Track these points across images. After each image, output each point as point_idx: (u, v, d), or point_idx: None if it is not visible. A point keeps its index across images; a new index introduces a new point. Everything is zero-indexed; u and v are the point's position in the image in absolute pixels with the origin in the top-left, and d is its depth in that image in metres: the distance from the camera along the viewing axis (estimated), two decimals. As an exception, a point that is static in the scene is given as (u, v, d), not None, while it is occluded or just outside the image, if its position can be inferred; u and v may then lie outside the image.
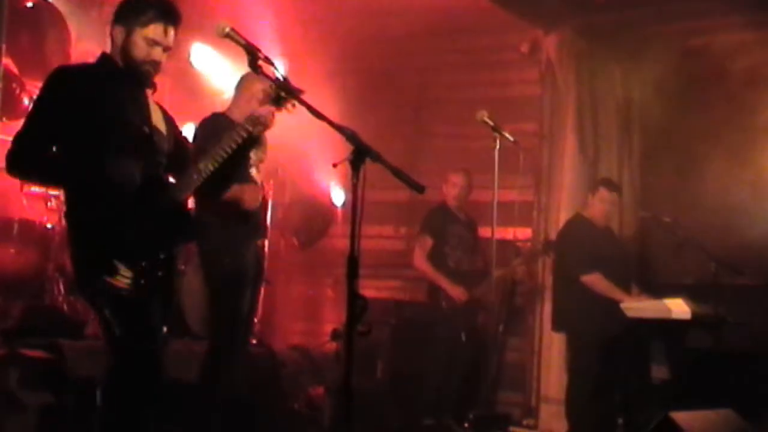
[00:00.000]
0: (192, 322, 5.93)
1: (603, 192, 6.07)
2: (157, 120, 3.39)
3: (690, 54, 6.48)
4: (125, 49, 3.29)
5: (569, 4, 6.53)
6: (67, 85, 3.24)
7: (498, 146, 4.97)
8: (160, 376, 3.25)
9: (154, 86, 3.40)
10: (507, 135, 5.02)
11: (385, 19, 6.97)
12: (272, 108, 3.47)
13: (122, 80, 3.32)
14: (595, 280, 5.82)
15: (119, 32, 3.30)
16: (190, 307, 5.86)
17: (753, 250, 6.22)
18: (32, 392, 4.44)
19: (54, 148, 3.19)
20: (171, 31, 3.33)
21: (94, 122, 3.19)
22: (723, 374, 5.55)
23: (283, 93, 3.33)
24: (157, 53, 3.30)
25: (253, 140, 3.53)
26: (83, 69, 3.40)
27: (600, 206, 6.06)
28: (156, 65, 3.32)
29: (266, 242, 5.33)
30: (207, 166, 3.30)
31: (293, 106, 3.38)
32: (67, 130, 3.17)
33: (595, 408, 5.79)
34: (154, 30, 3.28)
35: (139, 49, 3.28)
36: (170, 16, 3.33)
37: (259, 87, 4.48)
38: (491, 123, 4.96)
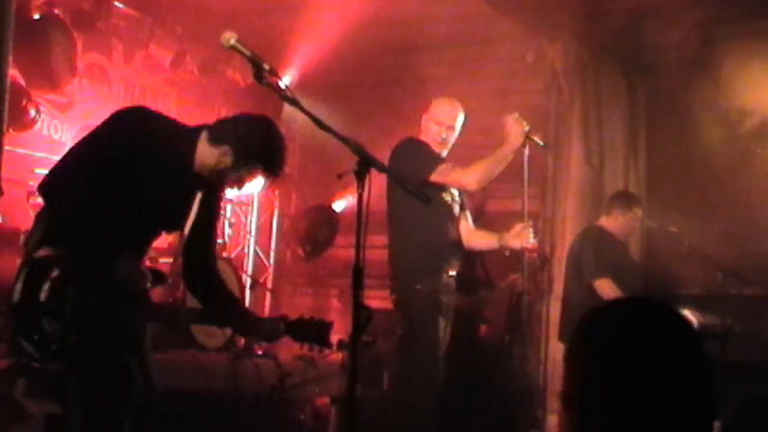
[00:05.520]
0: (197, 333, 5.94)
1: (638, 211, 5.94)
2: (191, 214, 3.25)
3: (694, 63, 6.47)
4: (217, 169, 3.19)
5: (574, 14, 6.53)
6: (136, 137, 3.09)
7: (527, 152, 4.88)
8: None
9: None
10: (537, 139, 4.90)
11: (391, 30, 6.98)
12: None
13: (184, 177, 3.20)
14: (605, 285, 5.70)
15: (227, 152, 3.16)
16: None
17: (760, 260, 6.20)
18: (38, 402, 4.44)
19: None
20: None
21: (126, 187, 3.07)
22: (730, 385, 5.52)
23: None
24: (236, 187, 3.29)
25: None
26: (163, 131, 3.19)
27: (631, 224, 5.93)
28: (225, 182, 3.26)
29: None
30: None
31: None
32: (102, 173, 3.03)
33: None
34: (252, 179, 3.25)
35: (228, 184, 3.25)
36: (272, 178, 3.28)
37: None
38: (526, 128, 4.82)
